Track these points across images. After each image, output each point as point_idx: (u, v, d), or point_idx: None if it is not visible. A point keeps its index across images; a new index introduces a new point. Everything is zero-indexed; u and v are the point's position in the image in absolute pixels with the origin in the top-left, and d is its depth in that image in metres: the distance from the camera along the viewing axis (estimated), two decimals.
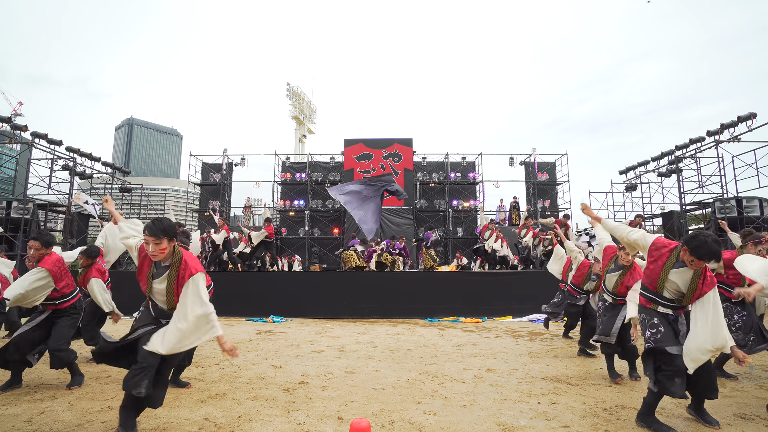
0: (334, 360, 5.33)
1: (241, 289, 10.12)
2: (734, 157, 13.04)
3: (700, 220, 17.56)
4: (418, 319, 9.52)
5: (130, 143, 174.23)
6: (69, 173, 14.41)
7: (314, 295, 10.10)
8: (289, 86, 47.19)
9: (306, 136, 50.70)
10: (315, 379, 4.37)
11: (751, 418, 3.26)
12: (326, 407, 3.48)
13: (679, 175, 14.27)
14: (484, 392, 3.94)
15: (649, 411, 3.04)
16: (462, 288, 10.08)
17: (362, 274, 10.67)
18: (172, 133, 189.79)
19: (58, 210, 15.57)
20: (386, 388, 4.05)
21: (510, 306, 9.86)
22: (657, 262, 3.09)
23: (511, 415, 3.32)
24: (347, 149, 19.75)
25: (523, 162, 20.43)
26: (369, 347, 6.18)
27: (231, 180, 20.52)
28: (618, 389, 4.05)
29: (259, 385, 4.13)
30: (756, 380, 4.41)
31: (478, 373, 4.67)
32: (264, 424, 3.11)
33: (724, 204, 12.32)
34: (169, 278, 2.82)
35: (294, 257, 17.66)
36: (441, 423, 3.14)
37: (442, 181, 20.00)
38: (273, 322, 9.18)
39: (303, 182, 20.18)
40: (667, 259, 3.03)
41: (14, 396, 3.76)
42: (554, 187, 20.14)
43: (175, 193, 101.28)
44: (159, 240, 2.74)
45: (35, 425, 3.06)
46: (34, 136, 13.17)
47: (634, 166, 17.34)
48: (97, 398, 3.71)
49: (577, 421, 3.19)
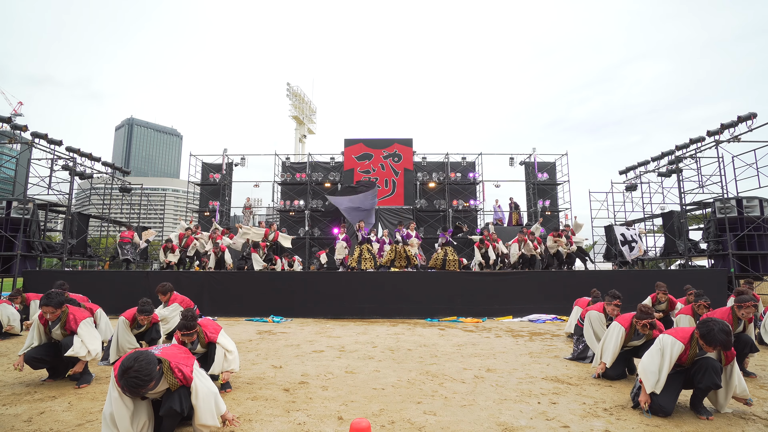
0: (334, 360, 5.33)
1: (241, 289, 10.12)
2: (734, 157, 13.04)
3: (700, 220, 17.56)
4: (418, 319, 9.53)
5: (130, 143, 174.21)
6: (69, 173, 14.39)
7: (314, 295, 10.10)
8: (289, 86, 47.24)
9: (306, 136, 50.74)
10: (315, 379, 4.37)
11: (751, 418, 3.26)
12: (326, 407, 3.48)
13: (679, 175, 14.25)
14: (484, 392, 3.94)
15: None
16: (462, 288, 10.08)
17: (362, 274, 10.66)
18: (172, 133, 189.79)
19: (58, 210, 15.56)
20: (386, 388, 4.05)
21: (510, 306, 9.86)
22: (684, 355, 3.38)
23: (511, 415, 3.32)
24: (347, 149, 19.76)
25: (523, 162, 20.43)
26: (369, 347, 6.18)
27: (231, 180, 20.53)
28: (618, 389, 4.05)
29: (259, 385, 4.13)
30: (756, 380, 4.42)
31: (478, 373, 4.67)
32: (264, 424, 3.11)
33: (724, 204, 12.32)
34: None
35: (294, 257, 17.66)
36: (441, 423, 3.14)
37: (442, 181, 20.01)
38: (273, 322, 9.18)
39: (303, 182, 20.19)
40: (690, 351, 3.33)
41: (14, 396, 3.77)
42: (554, 187, 20.14)
43: (175, 193, 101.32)
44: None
45: (35, 425, 3.07)
46: (34, 136, 13.17)
47: (634, 166, 17.33)
48: (97, 398, 3.72)
49: (577, 421, 3.19)
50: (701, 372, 3.27)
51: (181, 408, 2.78)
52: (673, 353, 3.28)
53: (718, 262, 12.73)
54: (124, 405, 2.64)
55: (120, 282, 10.49)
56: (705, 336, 3.16)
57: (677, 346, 3.28)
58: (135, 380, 2.49)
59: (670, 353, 3.28)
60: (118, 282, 10.47)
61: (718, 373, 3.24)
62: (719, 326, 3.13)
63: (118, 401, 2.62)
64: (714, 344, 3.13)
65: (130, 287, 10.05)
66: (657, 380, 3.27)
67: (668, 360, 3.28)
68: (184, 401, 2.80)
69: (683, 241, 13.58)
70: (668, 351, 3.29)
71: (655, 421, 3.18)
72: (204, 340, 3.95)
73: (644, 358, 3.43)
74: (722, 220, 12.19)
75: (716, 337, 3.10)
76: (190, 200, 21.31)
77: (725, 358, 3.29)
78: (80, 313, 4.24)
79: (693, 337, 3.29)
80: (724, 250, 12.02)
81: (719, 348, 3.18)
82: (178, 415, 2.83)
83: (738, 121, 12.25)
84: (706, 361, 3.27)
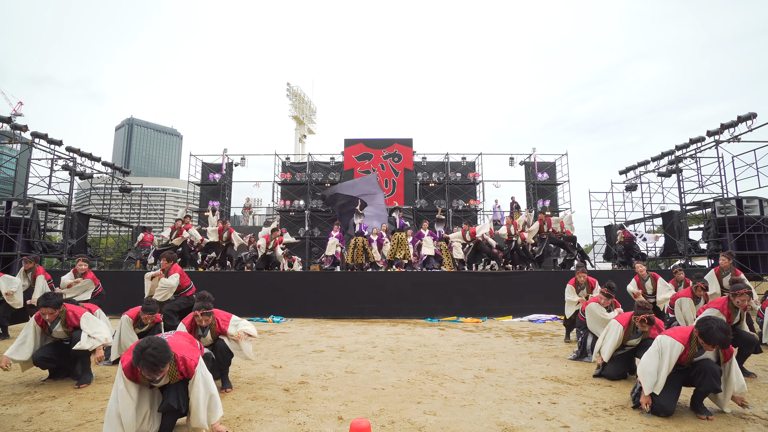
0: (334, 360, 5.33)
1: (241, 289, 10.12)
2: (734, 157, 13.03)
3: (700, 220, 17.56)
4: (418, 319, 9.52)
5: (130, 143, 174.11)
6: (69, 173, 14.39)
7: (314, 295, 10.10)
8: (289, 86, 47.23)
9: (306, 136, 50.74)
10: (315, 379, 4.37)
11: (751, 418, 3.26)
12: (326, 407, 3.48)
13: (679, 175, 14.25)
14: (484, 392, 3.94)
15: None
16: (462, 288, 10.08)
17: (362, 274, 10.66)
18: (172, 133, 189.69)
19: (58, 210, 15.56)
20: (386, 388, 4.05)
21: (510, 306, 9.86)
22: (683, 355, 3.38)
23: (511, 415, 3.32)
24: (347, 149, 19.76)
25: (523, 162, 20.42)
26: (369, 347, 6.18)
27: (231, 180, 20.52)
28: (618, 389, 4.05)
29: (259, 385, 4.13)
30: (757, 380, 4.42)
31: (478, 373, 4.67)
32: (264, 424, 3.11)
33: (724, 204, 12.32)
34: None
35: (294, 257, 17.65)
36: (441, 423, 3.14)
37: (442, 181, 20.00)
38: (273, 322, 9.19)
39: (303, 182, 20.18)
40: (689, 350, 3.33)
41: (14, 396, 3.77)
42: (554, 187, 20.14)
43: (175, 193, 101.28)
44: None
45: (35, 425, 3.06)
46: (34, 136, 13.16)
47: (634, 166, 17.32)
48: (97, 398, 3.72)
49: (577, 421, 3.19)
50: (701, 375, 3.27)
51: (178, 405, 2.77)
52: (673, 354, 3.27)
53: (717, 262, 12.71)
54: (130, 397, 2.65)
55: (120, 282, 10.49)
56: (704, 335, 3.17)
57: (677, 347, 3.28)
58: (153, 358, 2.54)
59: (669, 354, 3.27)
60: (118, 282, 10.46)
61: (717, 377, 3.25)
62: (718, 324, 3.14)
63: (124, 393, 2.63)
64: (713, 343, 3.14)
65: (130, 287, 10.04)
66: (655, 381, 3.27)
67: (667, 361, 3.27)
68: (182, 397, 2.79)
69: (683, 241, 13.58)
70: (667, 352, 3.28)
71: (655, 421, 3.18)
72: (215, 329, 4.05)
73: (643, 359, 3.43)
74: (722, 220, 12.19)
75: (715, 336, 3.11)
76: (190, 200, 21.30)
77: (723, 356, 3.30)
78: (78, 310, 4.27)
79: (692, 336, 3.29)
80: (724, 250, 12.02)
81: (718, 346, 3.19)
82: (176, 413, 2.83)
83: (738, 121, 12.25)
84: (707, 363, 3.27)
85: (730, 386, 3.31)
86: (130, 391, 2.66)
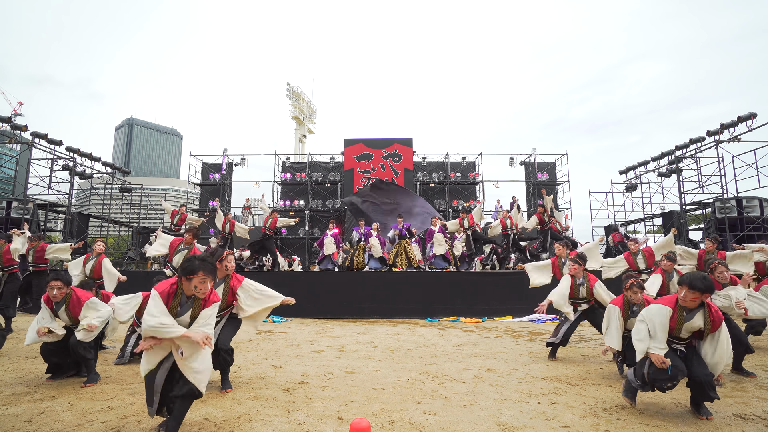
0: (334, 360, 5.33)
1: None
2: (734, 157, 13.05)
3: (700, 220, 17.55)
4: (418, 319, 9.52)
5: (130, 143, 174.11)
6: (69, 173, 14.40)
7: (314, 295, 10.09)
8: (289, 86, 47.20)
9: (306, 136, 50.71)
10: (315, 379, 4.37)
11: (751, 418, 3.26)
12: (326, 407, 3.48)
13: (679, 175, 14.27)
14: (484, 392, 3.94)
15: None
16: (462, 288, 10.08)
17: (362, 274, 10.66)
18: (172, 133, 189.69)
19: (58, 210, 15.56)
20: (386, 388, 4.05)
21: (510, 306, 9.85)
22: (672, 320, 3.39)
23: (511, 415, 3.32)
24: (347, 149, 19.76)
25: (523, 162, 20.44)
26: (369, 347, 6.18)
27: (231, 180, 20.53)
28: (618, 389, 4.05)
29: (259, 385, 4.13)
30: (756, 380, 4.42)
31: (478, 373, 4.67)
32: (264, 424, 3.11)
33: (724, 204, 12.32)
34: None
35: (294, 257, 17.67)
36: (441, 423, 3.14)
37: (442, 181, 20.00)
38: (273, 322, 9.19)
39: (303, 182, 20.19)
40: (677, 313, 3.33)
41: (14, 396, 3.77)
42: (554, 187, 20.14)
43: (175, 193, 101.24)
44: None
45: (35, 425, 3.07)
46: (34, 136, 13.17)
47: (634, 166, 17.34)
48: (97, 398, 3.72)
49: (577, 421, 3.20)
50: (694, 363, 3.29)
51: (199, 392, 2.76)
52: (663, 317, 3.29)
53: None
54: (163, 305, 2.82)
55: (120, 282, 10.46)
56: (684, 280, 3.22)
57: (664, 311, 3.31)
58: (207, 261, 2.83)
59: (660, 320, 3.30)
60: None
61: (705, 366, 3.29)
62: (696, 274, 3.23)
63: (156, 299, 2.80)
64: (694, 287, 3.14)
65: (130, 288, 10.03)
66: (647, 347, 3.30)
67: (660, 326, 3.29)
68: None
69: (683, 241, 13.58)
70: (657, 318, 3.31)
71: (655, 421, 3.18)
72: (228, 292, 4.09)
73: (633, 329, 3.47)
74: (722, 220, 12.19)
75: (695, 279, 3.16)
76: (190, 200, 21.32)
77: (711, 324, 3.25)
78: (84, 294, 4.29)
79: (677, 299, 3.32)
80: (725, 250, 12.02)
81: (698, 292, 3.15)
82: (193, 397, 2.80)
83: (738, 121, 12.26)
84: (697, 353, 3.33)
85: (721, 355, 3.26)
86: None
